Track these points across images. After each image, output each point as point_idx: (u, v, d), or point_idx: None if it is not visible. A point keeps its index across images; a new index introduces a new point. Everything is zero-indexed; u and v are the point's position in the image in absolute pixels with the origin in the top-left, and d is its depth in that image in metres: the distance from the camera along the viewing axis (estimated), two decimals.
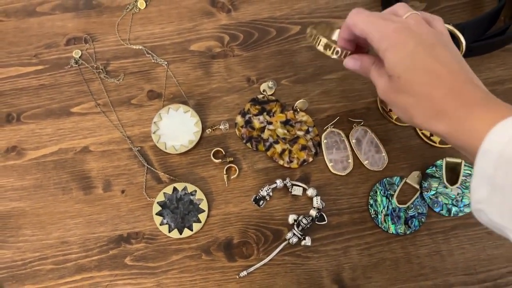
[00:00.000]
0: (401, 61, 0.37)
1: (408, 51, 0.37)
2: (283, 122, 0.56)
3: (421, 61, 0.36)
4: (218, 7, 0.63)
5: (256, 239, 0.52)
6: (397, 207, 0.53)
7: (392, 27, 0.38)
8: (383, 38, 0.38)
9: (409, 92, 0.37)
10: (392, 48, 0.37)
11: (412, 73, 0.37)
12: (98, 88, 0.59)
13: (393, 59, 0.37)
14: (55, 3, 0.63)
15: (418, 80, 0.36)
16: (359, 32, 0.39)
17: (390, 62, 0.37)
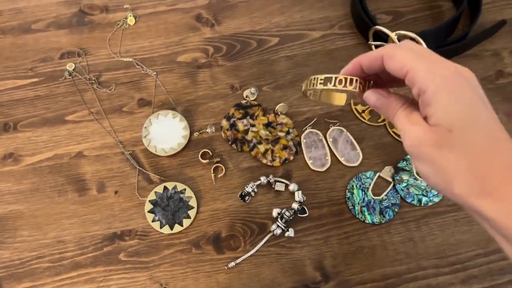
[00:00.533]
0: (459, 111, 0.30)
1: (467, 101, 0.30)
2: (265, 124, 0.61)
3: (481, 117, 0.30)
4: (203, 22, 0.68)
5: (242, 232, 0.56)
6: (372, 199, 0.57)
7: (446, 66, 0.31)
8: (434, 78, 0.30)
9: (460, 152, 0.30)
10: (447, 92, 0.30)
11: (470, 129, 0.30)
12: (91, 97, 0.63)
13: (447, 106, 0.30)
14: (49, 21, 0.67)
15: (477, 140, 0.30)
16: (396, 65, 0.32)
17: (442, 109, 0.30)
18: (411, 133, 0.32)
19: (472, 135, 0.30)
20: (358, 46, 0.66)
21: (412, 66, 0.31)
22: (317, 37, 0.67)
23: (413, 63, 0.31)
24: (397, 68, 0.32)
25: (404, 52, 0.32)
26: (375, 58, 0.34)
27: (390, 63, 0.33)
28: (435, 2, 0.70)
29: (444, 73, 0.30)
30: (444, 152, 0.30)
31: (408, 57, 0.32)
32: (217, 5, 0.69)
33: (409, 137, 0.32)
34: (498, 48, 0.66)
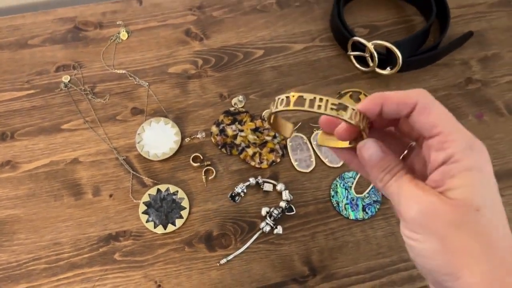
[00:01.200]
0: (488, 193, 0.28)
1: (493, 184, 0.28)
2: (253, 129, 0.64)
3: (500, 203, 0.28)
4: (192, 37, 0.72)
5: (233, 230, 0.58)
6: (355, 197, 0.61)
7: (478, 142, 0.28)
8: (471, 153, 0.27)
9: (484, 236, 0.26)
10: (480, 171, 0.27)
11: (496, 214, 0.27)
12: (86, 107, 0.65)
13: (479, 185, 0.27)
14: (45, 37, 0.71)
15: (500, 225, 0.27)
16: (430, 121, 0.28)
17: (473, 187, 0.27)
18: (423, 200, 0.28)
19: (496, 219, 0.27)
20: (338, 57, 0.71)
21: (449, 130, 0.28)
22: (300, 49, 0.71)
23: (451, 127, 0.28)
24: (429, 126, 0.28)
25: (441, 110, 0.29)
26: (405, 103, 0.29)
27: (423, 116, 0.28)
28: (408, 16, 0.75)
29: (480, 149, 0.28)
30: (463, 232, 0.26)
31: (445, 118, 0.28)
32: (205, 20, 0.73)
33: (420, 204, 0.27)
34: (466, 58, 0.71)
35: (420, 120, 0.29)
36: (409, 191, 0.29)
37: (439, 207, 0.27)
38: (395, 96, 0.30)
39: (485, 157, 0.28)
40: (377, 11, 0.76)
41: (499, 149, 0.64)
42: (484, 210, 0.26)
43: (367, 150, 0.31)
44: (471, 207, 0.26)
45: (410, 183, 0.29)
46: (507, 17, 0.75)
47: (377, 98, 0.30)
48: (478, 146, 0.28)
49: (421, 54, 0.68)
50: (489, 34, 0.74)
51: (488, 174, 0.28)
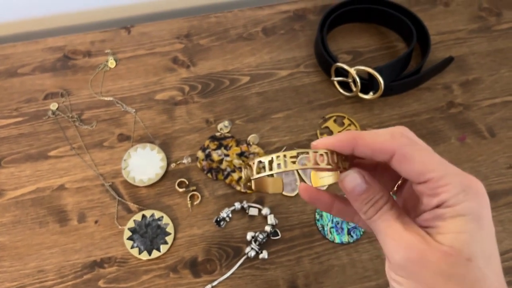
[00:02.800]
0: (484, 243, 0.26)
1: (490, 231, 0.26)
2: (239, 154, 0.65)
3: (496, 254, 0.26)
4: (179, 64, 0.73)
5: (218, 256, 0.58)
6: (340, 220, 0.61)
7: (474, 182, 0.27)
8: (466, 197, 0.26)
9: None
10: (476, 219, 0.25)
11: (489, 266, 0.25)
12: (73, 134, 0.66)
13: (474, 234, 0.25)
14: (35, 65, 0.72)
15: (493, 279, 0.25)
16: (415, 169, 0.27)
17: (467, 235, 0.25)
18: (410, 244, 0.26)
19: (490, 271, 0.25)
20: (322, 83, 0.72)
21: (439, 175, 0.26)
22: (285, 75, 0.73)
23: (441, 172, 0.26)
24: (414, 174, 0.26)
25: (426, 155, 0.27)
26: (380, 151, 0.27)
27: (405, 166, 0.27)
28: (391, 43, 0.77)
29: (476, 191, 0.26)
30: (452, 284, 0.24)
31: (431, 162, 0.26)
32: (192, 48, 0.75)
33: (407, 249, 0.25)
34: (448, 82, 0.73)
35: (403, 169, 0.27)
36: (395, 231, 0.26)
37: (428, 255, 0.25)
38: (369, 140, 0.27)
39: (481, 200, 0.26)
40: (360, 37, 0.78)
41: (482, 171, 0.64)
42: (476, 261, 0.24)
43: (349, 182, 0.29)
44: (462, 256, 0.24)
45: (395, 220, 0.27)
46: (487, 43, 0.77)
47: (347, 138, 0.28)
48: (474, 188, 0.26)
49: (404, 79, 0.70)
50: (469, 59, 0.75)
51: (484, 220, 0.26)
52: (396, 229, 0.26)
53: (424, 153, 0.27)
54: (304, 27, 0.78)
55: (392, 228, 0.27)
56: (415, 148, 0.27)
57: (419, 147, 0.27)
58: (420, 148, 0.27)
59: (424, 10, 0.80)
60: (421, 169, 0.26)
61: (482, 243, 0.25)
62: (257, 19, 0.79)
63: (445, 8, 0.81)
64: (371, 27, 0.79)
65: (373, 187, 0.28)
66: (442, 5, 0.81)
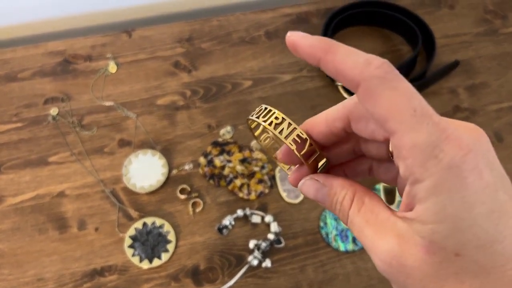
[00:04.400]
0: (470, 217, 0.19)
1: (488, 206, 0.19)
2: (241, 160, 0.64)
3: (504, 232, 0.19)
4: (180, 68, 0.72)
5: (220, 264, 0.57)
6: (344, 228, 0.60)
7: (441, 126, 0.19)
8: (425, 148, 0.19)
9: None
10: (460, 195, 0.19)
11: (486, 254, 0.19)
12: (74, 139, 0.65)
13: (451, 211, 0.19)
14: (35, 70, 0.71)
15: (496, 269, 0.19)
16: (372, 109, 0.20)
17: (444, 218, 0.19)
18: (384, 252, 0.20)
19: (489, 260, 0.19)
20: (326, 87, 0.71)
21: (405, 127, 0.19)
22: (288, 79, 0.72)
23: (405, 123, 0.19)
24: (376, 119, 0.20)
25: (397, 96, 0.19)
26: (345, 75, 0.21)
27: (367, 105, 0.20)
28: (395, 46, 0.76)
29: (455, 159, 0.18)
30: (449, 286, 0.19)
31: (400, 106, 0.19)
32: (194, 52, 0.74)
33: (382, 260, 0.21)
34: (454, 86, 0.72)
35: (368, 109, 0.20)
36: (367, 239, 0.21)
37: (407, 261, 0.20)
38: (339, 59, 0.21)
39: (458, 162, 0.18)
40: (364, 41, 0.77)
41: None
42: (468, 252, 0.19)
43: (308, 190, 0.25)
44: (448, 252, 0.19)
45: (366, 224, 0.22)
46: (493, 46, 0.76)
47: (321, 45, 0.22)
48: (449, 145, 0.18)
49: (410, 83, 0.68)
50: (476, 63, 0.74)
51: (464, 192, 0.18)
52: (368, 236, 0.21)
53: (397, 93, 0.19)
54: (308, 31, 0.76)
55: (365, 236, 0.21)
56: (386, 84, 0.19)
57: (393, 84, 0.19)
58: (394, 87, 0.19)
59: (429, 13, 0.79)
60: (384, 114, 0.19)
61: (475, 227, 0.18)
62: (259, 22, 0.78)
63: (450, 11, 0.79)
64: (375, 30, 0.78)
65: (332, 187, 0.24)
66: (447, 8, 0.80)
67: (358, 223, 0.22)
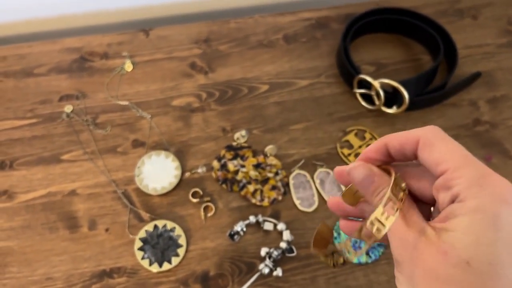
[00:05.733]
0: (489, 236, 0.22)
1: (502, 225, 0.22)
2: (255, 165, 0.63)
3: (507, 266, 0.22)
4: (197, 70, 0.72)
5: (231, 271, 0.56)
6: (358, 240, 0.58)
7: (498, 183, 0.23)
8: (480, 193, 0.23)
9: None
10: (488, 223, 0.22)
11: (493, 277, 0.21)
12: (87, 138, 0.65)
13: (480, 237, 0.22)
14: (51, 66, 0.71)
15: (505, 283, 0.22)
16: (433, 157, 0.25)
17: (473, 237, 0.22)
18: (404, 239, 0.24)
19: (496, 282, 0.21)
20: (344, 94, 0.70)
21: (456, 165, 0.24)
22: (305, 85, 0.71)
23: (458, 162, 0.24)
24: (433, 163, 0.25)
25: (448, 144, 0.25)
26: (407, 140, 0.26)
27: (426, 153, 0.25)
28: (416, 55, 0.75)
29: (493, 185, 0.23)
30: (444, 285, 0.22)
31: (452, 152, 0.24)
32: (211, 54, 0.73)
33: (400, 244, 0.24)
34: (474, 98, 0.70)
35: (424, 158, 0.26)
36: (395, 225, 0.25)
37: (422, 252, 0.23)
38: (397, 135, 0.27)
39: (498, 195, 0.22)
40: (384, 49, 0.75)
41: None
42: (479, 266, 0.21)
43: (357, 174, 0.28)
44: (461, 258, 0.22)
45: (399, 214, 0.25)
46: None
47: (380, 141, 0.28)
48: (491, 181, 0.23)
49: (429, 94, 0.67)
50: (497, 75, 0.73)
51: (502, 220, 0.22)
52: (397, 223, 0.25)
53: (447, 143, 0.25)
54: (326, 36, 0.76)
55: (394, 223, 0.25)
56: (439, 137, 0.25)
57: (444, 137, 0.26)
58: (445, 138, 0.25)
59: (451, 22, 0.77)
60: (439, 158, 0.25)
61: (493, 247, 0.21)
62: (278, 26, 0.77)
63: (473, 21, 0.78)
64: (396, 38, 0.77)
65: (380, 178, 0.27)
66: (470, 18, 0.78)
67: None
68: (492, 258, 0.21)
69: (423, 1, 0.81)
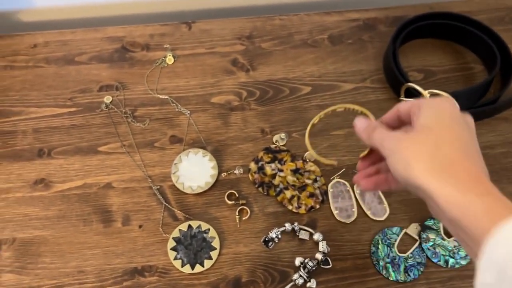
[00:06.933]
0: (441, 120, 0.37)
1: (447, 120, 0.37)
2: (293, 170, 0.61)
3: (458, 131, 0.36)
4: (238, 67, 0.70)
5: (263, 278, 0.55)
6: (397, 256, 0.56)
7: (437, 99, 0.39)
8: (426, 101, 0.39)
9: (432, 144, 0.35)
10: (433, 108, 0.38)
11: (444, 131, 0.36)
12: (125, 130, 0.64)
13: (432, 116, 0.37)
14: (92, 55, 0.70)
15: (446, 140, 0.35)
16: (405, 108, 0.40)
17: (430, 116, 0.37)
18: (393, 134, 0.39)
19: (442, 135, 0.36)
20: (389, 101, 0.67)
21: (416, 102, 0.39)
22: (349, 89, 0.68)
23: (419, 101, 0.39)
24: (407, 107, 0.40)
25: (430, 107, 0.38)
26: (412, 105, 0.39)
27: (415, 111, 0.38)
28: (467, 63, 0.71)
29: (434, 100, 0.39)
30: (418, 143, 0.36)
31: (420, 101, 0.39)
32: (253, 51, 0.71)
33: (388, 139, 0.38)
34: None
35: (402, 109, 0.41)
36: (382, 131, 0.40)
37: (403, 135, 0.38)
38: (408, 101, 0.40)
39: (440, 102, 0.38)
40: (433, 55, 0.72)
41: None
42: (435, 130, 0.36)
43: (358, 123, 0.43)
44: (427, 127, 0.36)
45: (386, 129, 0.40)
46: None
47: (393, 108, 0.42)
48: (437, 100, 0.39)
49: (480, 107, 0.63)
50: None
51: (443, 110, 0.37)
52: (385, 131, 0.40)
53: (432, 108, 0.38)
54: (374, 38, 0.73)
55: (382, 132, 0.40)
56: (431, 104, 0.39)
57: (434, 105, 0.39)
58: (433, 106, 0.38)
59: (508, 31, 0.73)
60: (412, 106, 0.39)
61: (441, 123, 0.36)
62: (323, 25, 0.74)
63: None
64: (446, 44, 0.73)
65: (371, 122, 0.43)
66: None
67: (381, 129, 0.40)
68: (442, 125, 0.36)
69: (477, 7, 0.77)
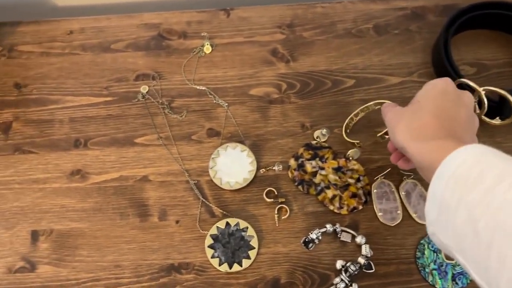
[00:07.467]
0: (429, 97, 0.45)
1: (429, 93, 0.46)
2: (335, 168, 0.59)
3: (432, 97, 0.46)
4: (278, 57, 0.67)
5: (303, 281, 0.53)
6: (444, 263, 0.53)
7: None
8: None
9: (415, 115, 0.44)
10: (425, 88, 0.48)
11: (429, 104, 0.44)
12: (162, 122, 0.62)
13: (421, 92, 0.47)
14: (129, 42, 0.69)
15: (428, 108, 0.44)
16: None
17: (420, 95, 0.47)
18: (391, 110, 0.48)
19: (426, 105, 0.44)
20: None
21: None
22: (395, 83, 0.65)
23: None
24: None
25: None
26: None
27: None
28: None
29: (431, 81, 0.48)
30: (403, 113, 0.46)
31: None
32: (294, 40, 0.68)
33: (390, 111, 0.48)
34: None
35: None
36: (387, 107, 0.50)
37: (398, 109, 0.48)
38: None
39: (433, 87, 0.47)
40: (487, 47, 0.67)
41: None
42: (422, 102, 0.45)
43: (384, 105, 0.51)
44: (416, 100, 0.46)
45: (390, 105, 0.51)
46: None
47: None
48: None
49: None
50: None
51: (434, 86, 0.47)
52: (390, 107, 0.49)
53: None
54: (422, 29, 0.69)
55: (387, 107, 0.50)
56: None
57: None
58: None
59: None
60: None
61: (426, 97, 0.46)
62: (369, 14, 0.70)
63: None
64: (502, 36, 0.68)
65: (392, 104, 0.51)
66: None
67: (391, 107, 0.50)
68: (426, 100, 0.45)
69: None
